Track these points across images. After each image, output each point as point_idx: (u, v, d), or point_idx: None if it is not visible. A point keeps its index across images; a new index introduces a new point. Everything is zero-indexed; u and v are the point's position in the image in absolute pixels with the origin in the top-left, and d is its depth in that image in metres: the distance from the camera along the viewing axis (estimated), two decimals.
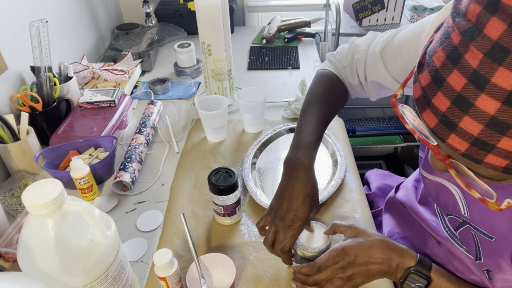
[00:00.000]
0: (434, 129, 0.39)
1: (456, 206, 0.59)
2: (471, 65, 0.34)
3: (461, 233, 0.60)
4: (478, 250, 0.57)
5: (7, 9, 1.01)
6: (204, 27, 1.03)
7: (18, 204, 0.87)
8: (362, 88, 0.77)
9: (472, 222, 0.56)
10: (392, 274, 0.62)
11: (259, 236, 0.78)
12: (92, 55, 1.46)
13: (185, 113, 1.17)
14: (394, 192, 0.85)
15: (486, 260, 0.56)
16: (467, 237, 0.58)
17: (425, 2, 1.61)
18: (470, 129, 0.35)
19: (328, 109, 0.74)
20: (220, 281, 0.69)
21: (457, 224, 0.60)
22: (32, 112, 0.98)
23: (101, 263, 0.55)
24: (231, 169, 0.77)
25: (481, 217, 0.55)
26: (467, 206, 0.57)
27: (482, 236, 0.55)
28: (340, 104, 0.79)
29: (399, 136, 1.99)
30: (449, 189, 0.60)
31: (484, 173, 0.38)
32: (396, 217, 0.83)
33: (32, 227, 0.52)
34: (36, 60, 0.97)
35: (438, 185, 0.62)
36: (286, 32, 1.59)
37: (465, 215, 0.57)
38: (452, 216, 0.61)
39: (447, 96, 0.36)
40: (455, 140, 0.37)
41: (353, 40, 0.78)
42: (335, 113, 0.78)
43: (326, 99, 0.75)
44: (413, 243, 0.75)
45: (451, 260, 0.66)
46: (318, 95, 0.75)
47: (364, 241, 0.62)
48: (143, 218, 0.83)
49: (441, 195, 0.62)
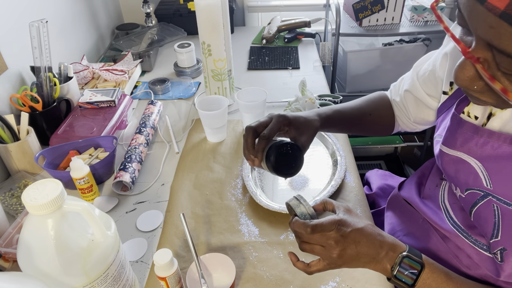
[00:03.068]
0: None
1: (477, 179, 0.58)
2: None
3: (479, 209, 0.58)
4: (497, 225, 0.56)
5: (7, 9, 1.01)
6: (204, 27, 1.03)
7: (18, 204, 0.87)
8: (402, 105, 0.82)
9: (496, 193, 0.56)
10: (378, 262, 0.59)
11: (259, 236, 0.78)
12: (92, 55, 1.46)
13: (185, 113, 1.17)
14: (397, 190, 0.86)
15: (504, 235, 0.55)
16: (485, 213, 0.57)
17: (425, 2, 1.61)
18: None
19: (358, 108, 0.83)
20: (220, 281, 0.69)
21: (477, 198, 0.59)
22: (32, 112, 0.98)
23: (101, 263, 0.55)
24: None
25: (506, 186, 0.55)
26: (489, 177, 0.56)
27: (505, 207, 0.55)
28: (380, 118, 0.86)
29: (399, 136, 1.99)
30: (469, 163, 0.59)
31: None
32: (399, 214, 0.83)
33: (32, 227, 0.52)
34: (36, 60, 0.98)
35: (457, 160, 0.61)
36: (286, 32, 1.59)
37: (487, 187, 0.57)
38: (472, 190, 0.59)
39: None
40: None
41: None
42: (366, 122, 0.85)
43: (363, 100, 0.84)
44: (416, 239, 0.75)
45: (456, 254, 0.66)
46: (359, 100, 0.86)
47: (358, 221, 0.60)
48: (143, 218, 0.84)
49: (461, 171, 0.61)
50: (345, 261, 0.59)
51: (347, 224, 0.58)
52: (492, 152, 0.56)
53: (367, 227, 0.59)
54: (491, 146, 0.56)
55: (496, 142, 0.55)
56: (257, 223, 0.81)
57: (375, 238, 0.59)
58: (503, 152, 0.54)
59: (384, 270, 0.59)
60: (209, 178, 0.93)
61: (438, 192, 0.71)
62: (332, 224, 0.57)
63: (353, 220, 0.59)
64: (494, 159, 0.56)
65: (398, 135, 1.98)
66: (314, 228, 0.57)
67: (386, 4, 1.55)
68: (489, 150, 0.56)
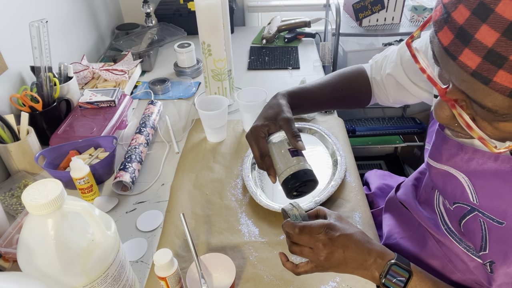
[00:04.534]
0: (448, 47, 0.39)
1: (464, 194, 0.58)
2: None
3: (467, 222, 0.59)
4: (485, 239, 0.56)
5: (7, 9, 1.01)
6: (204, 27, 1.03)
7: (18, 204, 0.87)
8: (383, 85, 0.80)
9: (481, 208, 0.56)
10: (367, 269, 0.59)
11: (259, 236, 0.78)
12: (92, 55, 1.46)
13: (185, 113, 1.17)
14: (394, 192, 0.85)
15: (492, 249, 0.55)
16: (473, 226, 0.58)
17: (425, 2, 1.61)
18: (485, 39, 0.36)
19: (335, 84, 0.81)
20: (220, 281, 0.69)
21: (464, 212, 0.59)
22: (32, 112, 0.98)
23: (101, 263, 0.55)
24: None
25: (491, 202, 0.54)
26: (475, 192, 0.56)
27: (491, 223, 0.54)
28: (353, 93, 0.83)
29: (399, 136, 1.99)
30: (456, 177, 0.59)
31: (489, 103, 0.39)
32: (396, 217, 0.83)
33: (32, 227, 0.52)
34: (36, 60, 0.97)
35: (445, 174, 0.61)
36: (286, 32, 1.59)
37: (473, 202, 0.57)
38: (459, 204, 0.60)
39: (468, 6, 0.37)
40: (468, 55, 0.37)
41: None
42: (343, 98, 0.82)
43: (335, 75, 0.82)
44: (412, 243, 0.75)
45: (451, 259, 0.66)
46: (332, 74, 0.83)
47: (348, 227, 0.61)
48: (143, 218, 0.83)
49: (448, 184, 0.61)
50: (332, 265, 0.60)
51: (336, 229, 0.59)
52: (478, 167, 0.56)
53: (356, 233, 0.60)
54: (476, 162, 0.56)
55: (481, 159, 0.55)
56: (257, 223, 0.81)
57: (364, 245, 0.59)
58: (489, 168, 0.54)
59: (372, 277, 0.60)
60: (209, 178, 0.93)
61: (434, 196, 0.71)
62: (320, 227, 0.59)
63: (342, 226, 0.60)
64: (480, 174, 0.55)
65: (398, 135, 1.98)
66: (302, 229, 0.59)
67: (386, 4, 1.55)
68: (475, 165, 0.56)
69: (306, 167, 0.64)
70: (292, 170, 0.63)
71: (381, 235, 0.85)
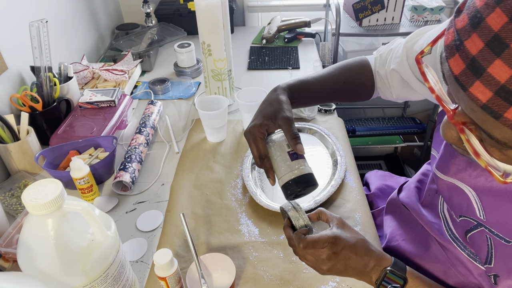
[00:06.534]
0: (458, 76, 0.37)
1: (470, 208, 0.58)
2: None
3: (473, 236, 0.58)
4: (491, 254, 0.55)
5: (7, 9, 1.01)
6: (204, 27, 1.03)
7: (18, 204, 0.87)
8: (386, 80, 0.77)
9: (488, 225, 0.55)
10: (365, 275, 0.61)
11: (259, 236, 0.78)
12: (92, 55, 1.46)
13: (185, 113, 1.17)
14: (396, 194, 0.84)
15: (497, 264, 0.55)
16: (479, 240, 0.57)
17: (425, 2, 1.61)
18: (498, 74, 0.34)
19: (337, 77, 0.78)
20: (220, 281, 0.69)
21: (470, 226, 0.58)
22: (32, 112, 0.98)
23: (101, 263, 0.55)
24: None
25: (499, 220, 0.54)
26: (483, 209, 0.56)
27: (498, 240, 0.54)
28: (355, 87, 0.80)
29: (399, 136, 1.99)
30: (464, 190, 0.59)
31: (499, 135, 0.37)
32: (398, 219, 0.82)
33: (32, 227, 0.52)
34: (36, 60, 0.97)
35: (452, 186, 0.61)
36: (286, 32, 1.59)
37: (480, 218, 0.56)
38: (465, 218, 0.59)
39: (482, 37, 0.35)
40: (479, 88, 0.35)
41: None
42: (346, 91, 0.79)
43: (338, 67, 0.79)
44: (415, 246, 0.74)
45: (454, 263, 0.66)
46: (334, 66, 0.80)
47: (351, 237, 0.61)
48: (143, 218, 0.84)
49: (455, 197, 0.61)
50: (332, 273, 0.62)
51: (339, 242, 0.60)
52: (486, 184, 0.55)
53: (358, 243, 0.61)
54: (485, 179, 0.55)
55: (489, 176, 0.54)
56: (257, 223, 0.81)
57: (365, 254, 0.60)
58: (497, 186, 0.54)
59: (370, 281, 0.62)
60: (209, 178, 0.93)
61: (438, 200, 0.70)
62: (325, 241, 0.59)
63: (345, 237, 0.61)
64: (488, 191, 0.55)
65: (398, 135, 1.98)
66: (307, 246, 0.60)
67: (386, 4, 1.55)
68: (483, 182, 0.55)
69: (306, 172, 0.63)
70: (292, 175, 0.62)
71: (381, 236, 0.85)
